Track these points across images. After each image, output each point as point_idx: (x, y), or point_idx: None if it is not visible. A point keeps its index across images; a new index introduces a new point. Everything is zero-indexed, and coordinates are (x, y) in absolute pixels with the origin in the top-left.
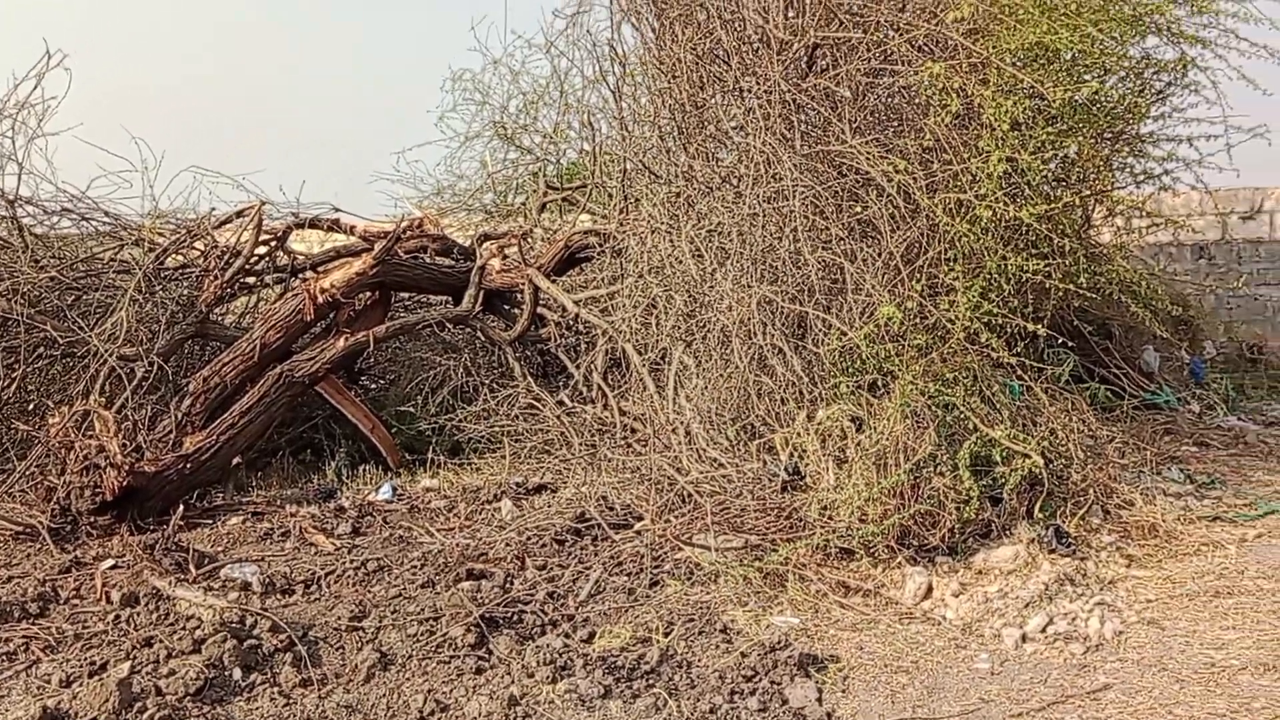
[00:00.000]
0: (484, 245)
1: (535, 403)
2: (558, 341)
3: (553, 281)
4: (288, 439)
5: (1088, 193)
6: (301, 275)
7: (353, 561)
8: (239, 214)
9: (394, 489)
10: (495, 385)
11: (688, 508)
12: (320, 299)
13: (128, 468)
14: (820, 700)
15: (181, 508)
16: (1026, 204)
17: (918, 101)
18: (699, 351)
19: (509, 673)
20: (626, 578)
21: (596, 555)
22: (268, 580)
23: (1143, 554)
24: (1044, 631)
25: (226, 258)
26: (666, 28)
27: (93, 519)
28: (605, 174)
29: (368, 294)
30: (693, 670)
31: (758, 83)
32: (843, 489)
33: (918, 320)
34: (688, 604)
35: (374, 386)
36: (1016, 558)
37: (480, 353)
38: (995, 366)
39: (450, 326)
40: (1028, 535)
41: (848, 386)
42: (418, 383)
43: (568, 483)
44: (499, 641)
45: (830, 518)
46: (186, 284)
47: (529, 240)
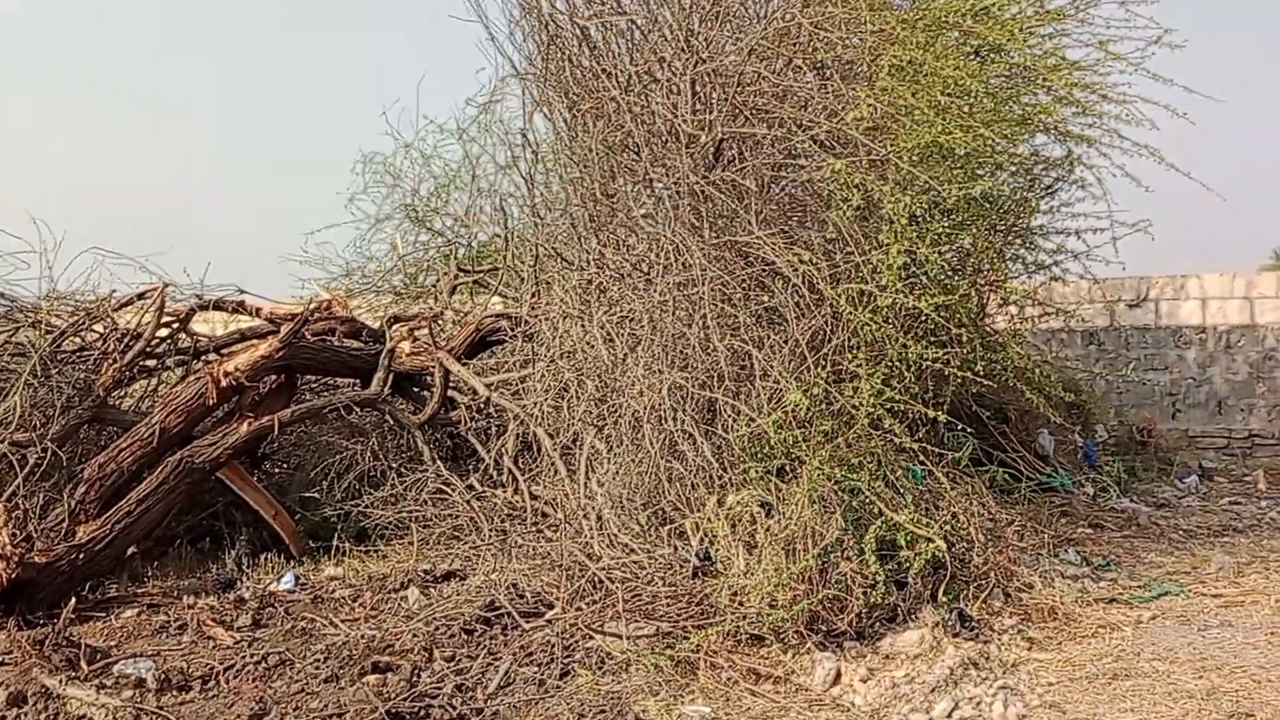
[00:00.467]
0: (394, 327)
1: (445, 487)
2: (468, 425)
3: (464, 364)
4: (186, 526)
5: (983, 283)
6: (205, 358)
7: (253, 655)
8: (141, 295)
9: (297, 578)
10: (404, 469)
11: (599, 594)
12: (224, 382)
13: (17, 559)
14: None
15: (74, 600)
16: (925, 294)
17: (821, 195)
18: (610, 436)
19: None
20: (537, 668)
21: (506, 645)
22: (163, 676)
23: (1043, 636)
24: (950, 717)
25: (127, 340)
26: (578, 119)
27: None
28: (517, 258)
29: (273, 377)
30: None
31: (667, 174)
32: (753, 574)
33: (824, 406)
34: (599, 695)
35: (278, 472)
36: (922, 642)
37: (389, 436)
38: (898, 451)
39: (358, 410)
40: (932, 619)
41: (757, 472)
42: (323, 467)
43: (477, 569)
44: None
45: (741, 603)
46: (84, 367)
47: (440, 322)
